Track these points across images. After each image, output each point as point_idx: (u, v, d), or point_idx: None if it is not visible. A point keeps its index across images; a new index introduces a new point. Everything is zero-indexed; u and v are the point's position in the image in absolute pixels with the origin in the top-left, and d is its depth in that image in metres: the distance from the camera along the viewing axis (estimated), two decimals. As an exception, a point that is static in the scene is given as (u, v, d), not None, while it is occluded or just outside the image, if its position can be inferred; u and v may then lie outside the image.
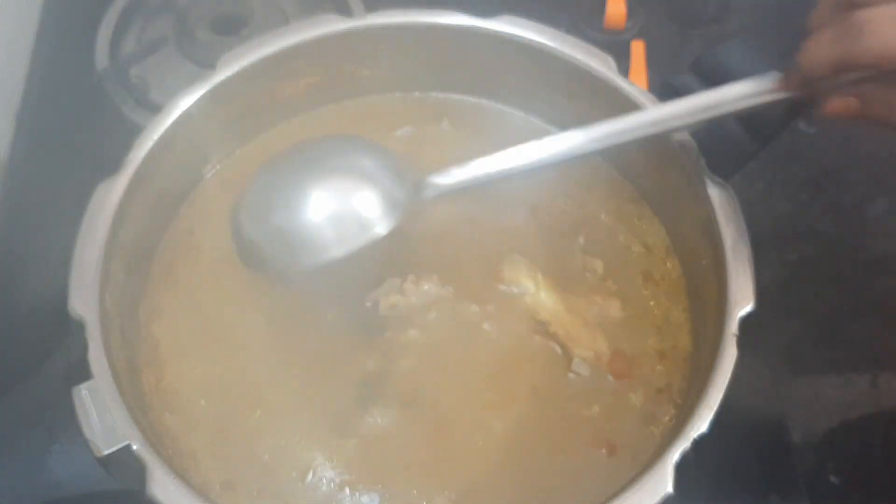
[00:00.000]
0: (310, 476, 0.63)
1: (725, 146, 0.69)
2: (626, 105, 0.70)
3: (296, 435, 0.65)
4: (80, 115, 0.91)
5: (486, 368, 0.67)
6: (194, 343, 0.69)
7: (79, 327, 0.60)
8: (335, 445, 0.64)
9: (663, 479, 0.55)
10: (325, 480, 0.63)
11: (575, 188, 0.76)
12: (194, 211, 0.76)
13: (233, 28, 0.94)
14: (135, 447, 0.57)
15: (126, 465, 0.58)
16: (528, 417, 0.65)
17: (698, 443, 0.56)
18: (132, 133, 0.69)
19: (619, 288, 0.72)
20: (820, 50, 0.53)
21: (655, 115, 0.62)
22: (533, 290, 0.69)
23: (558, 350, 0.68)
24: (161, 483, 0.55)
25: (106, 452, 0.58)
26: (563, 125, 0.78)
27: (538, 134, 0.63)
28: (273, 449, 0.65)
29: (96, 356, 0.59)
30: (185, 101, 0.70)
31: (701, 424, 0.57)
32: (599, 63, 0.72)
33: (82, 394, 0.59)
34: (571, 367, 0.66)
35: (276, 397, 0.67)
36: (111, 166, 0.67)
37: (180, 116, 0.70)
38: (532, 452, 0.64)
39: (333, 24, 0.74)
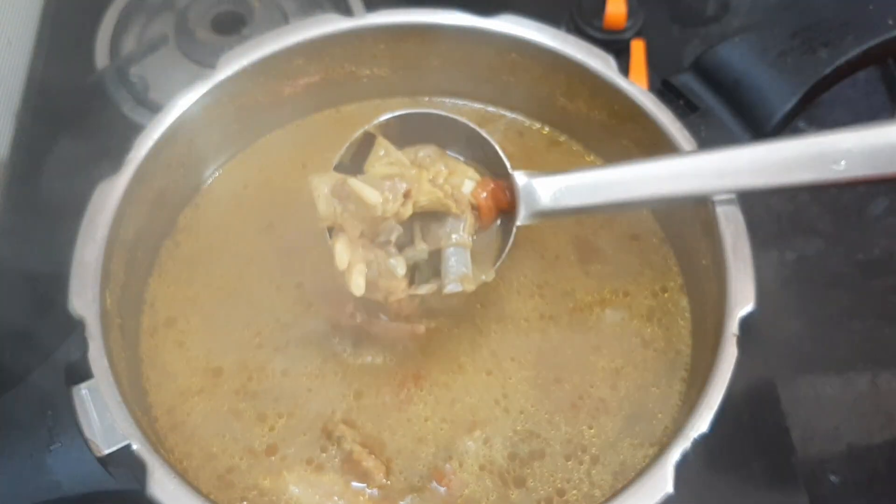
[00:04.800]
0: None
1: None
2: (626, 105, 0.70)
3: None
4: (80, 115, 0.91)
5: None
6: (195, 341, 0.69)
7: (79, 327, 0.60)
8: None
9: (663, 479, 0.55)
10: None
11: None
12: (194, 210, 0.76)
13: (233, 27, 0.94)
14: (135, 447, 0.57)
15: (126, 464, 0.58)
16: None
17: (698, 443, 0.56)
18: (132, 133, 0.69)
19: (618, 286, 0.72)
20: None
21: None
22: None
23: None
24: (161, 483, 0.55)
25: (106, 452, 0.58)
26: (564, 126, 0.79)
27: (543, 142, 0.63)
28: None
29: (96, 356, 0.59)
30: (185, 101, 0.70)
31: (701, 424, 0.57)
32: (599, 63, 0.72)
33: (82, 394, 0.59)
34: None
35: (275, 394, 0.67)
36: (111, 166, 0.67)
37: (180, 116, 0.70)
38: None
39: (333, 24, 0.74)
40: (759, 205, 0.89)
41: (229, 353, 0.69)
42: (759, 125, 0.69)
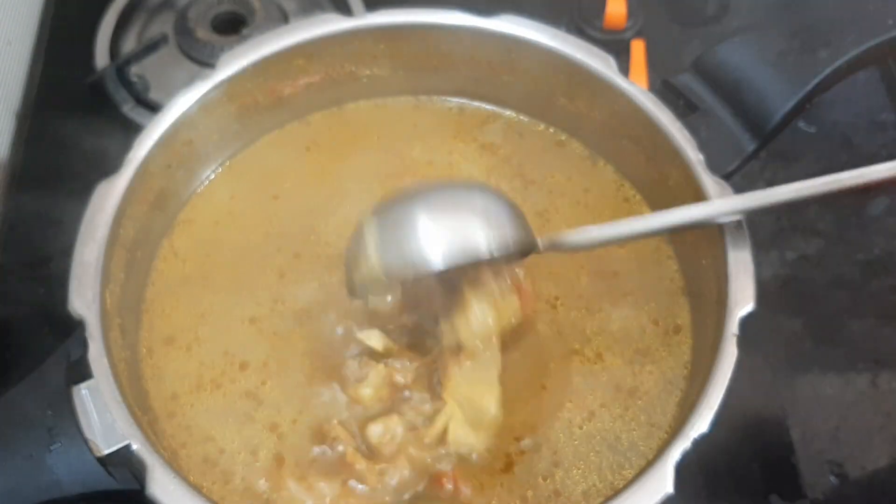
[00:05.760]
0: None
1: (725, 146, 0.69)
2: (626, 105, 0.70)
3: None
4: (80, 115, 0.91)
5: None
6: (194, 340, 0.69)
7: (79, 327, 0.60)
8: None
9: (663, 479, 0.55)
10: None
11: (574, 189, 0.76)
12: (194, 210, 0.76)
13: (233, 27, 0.94)
14: (135, 447, 0.57)
15: (126, 464, 0.58)
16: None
17: (698, 443, 0.56)
18: (132, 133, 0.69)
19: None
20: None
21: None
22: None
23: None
24: (161, 483, 0.55)
25: (106, 452, 0.58)
26: (564, 125, 0.79)
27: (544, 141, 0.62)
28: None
29: (96, 356, 0.59)
30: (185, 101, 0.70)
31: (701, 424, 0.57)
32: (599, 63, 0.72)
33: (82, 394, 0.59)
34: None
35: (275, 394, 0.67)
36: (111, 166, 0.67)
37: (180, 116, 0.70)
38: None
39: (333, 24, 0.74)
40: (759, 205, 0.89)
41: (232, 349, 0.69)
42: (759, 125, 0.69)
